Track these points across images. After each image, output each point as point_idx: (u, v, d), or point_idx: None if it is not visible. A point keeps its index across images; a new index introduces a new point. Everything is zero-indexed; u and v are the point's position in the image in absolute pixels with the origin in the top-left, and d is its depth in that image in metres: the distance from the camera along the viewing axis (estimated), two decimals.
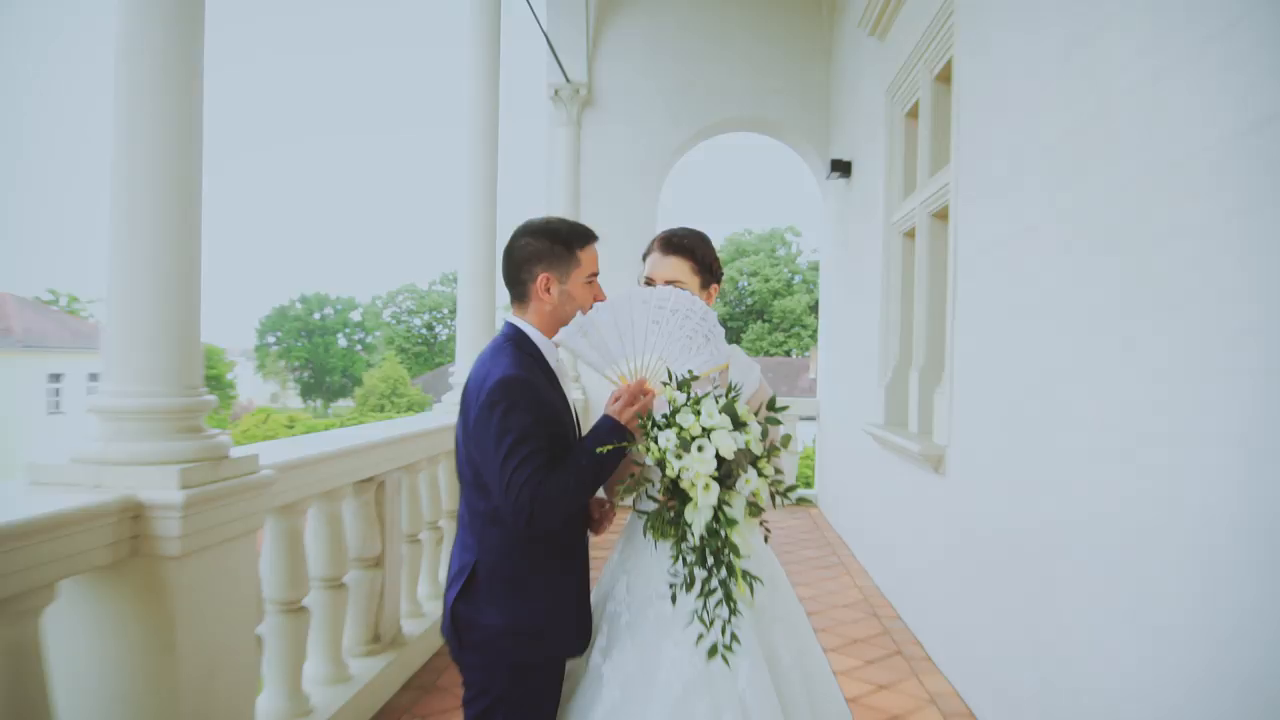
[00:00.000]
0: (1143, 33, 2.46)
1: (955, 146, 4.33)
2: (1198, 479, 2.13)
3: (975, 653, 3.91)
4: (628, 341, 2.01)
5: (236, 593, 2.63)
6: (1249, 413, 1.94)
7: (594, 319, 2.00)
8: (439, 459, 4.85)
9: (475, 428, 1.90)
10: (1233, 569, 1.98)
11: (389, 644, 4.09)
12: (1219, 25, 2.08)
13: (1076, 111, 2.90)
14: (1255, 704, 1.89)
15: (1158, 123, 2.38)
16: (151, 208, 2.38)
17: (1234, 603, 1.98)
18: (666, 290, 2.05)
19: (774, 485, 1.93)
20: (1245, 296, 1.97)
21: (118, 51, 2.37)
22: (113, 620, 2.29)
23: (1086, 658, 2.75)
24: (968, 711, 3.86)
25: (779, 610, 2.11)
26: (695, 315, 2.02)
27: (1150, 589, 2.35)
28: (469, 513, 2.00)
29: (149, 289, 2.39)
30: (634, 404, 1.93)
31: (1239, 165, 2.00)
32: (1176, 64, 2.27)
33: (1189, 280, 2.20)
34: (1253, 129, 1.95)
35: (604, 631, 2.07)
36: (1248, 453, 1.94)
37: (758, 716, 1.89)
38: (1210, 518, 2.07)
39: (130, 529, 2.27)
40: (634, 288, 2.11)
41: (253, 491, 2.62)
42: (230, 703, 2.59)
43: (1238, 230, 2.01)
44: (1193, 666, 2.13)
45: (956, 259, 4.27)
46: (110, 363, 2.40)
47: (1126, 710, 2.47)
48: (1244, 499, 1.95)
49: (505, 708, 1.95)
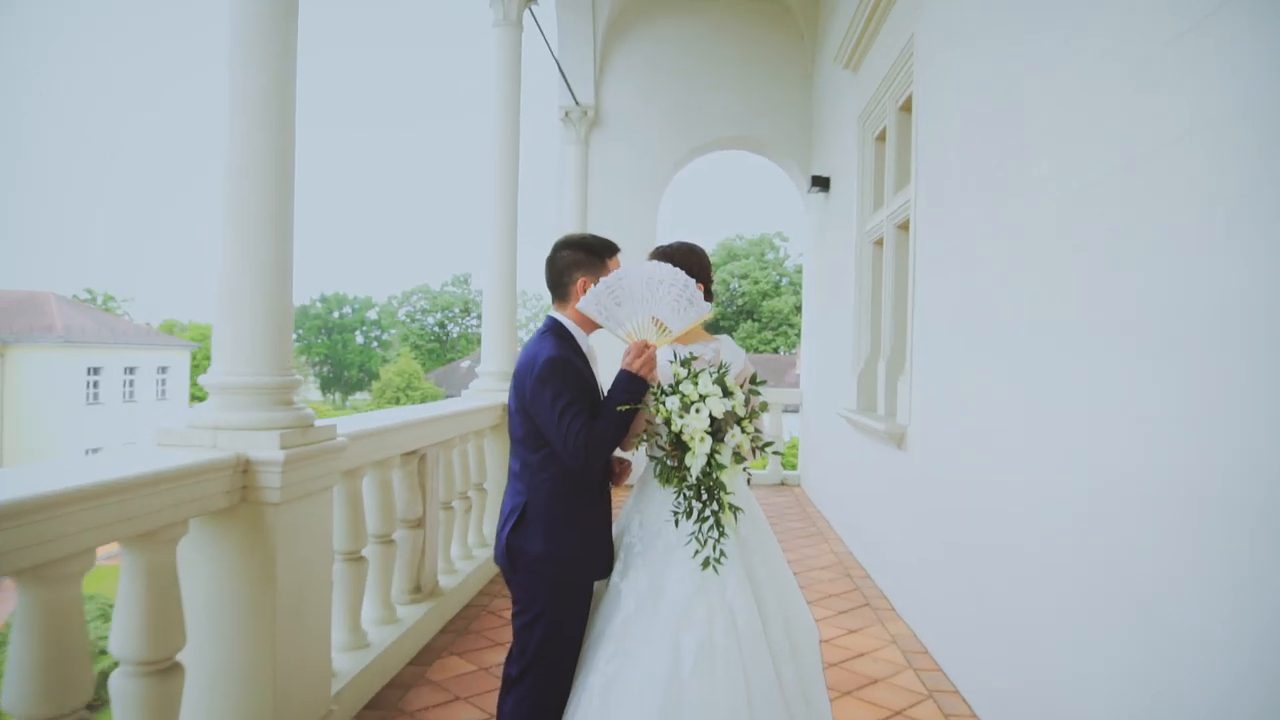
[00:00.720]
0: (1055, 79, 2.85)
1: (915, 168, 4.72)
2: (1101, 444, 2.54)
3: (927, 599, 4.32)
4: (629, 307, 2.39)
5: (318, 538, 3.02)
6: (1142, 391, 2.34)
7: (603, 290, 2.37)
8: (468, 438, 5.24)
9: (531, 396, 2.30)
10: (1118, 513, 2.39)
11: (428, 594, 4.48)
12: (1112, 76, 2.47)
13: (1005, 144, 3.29)
14: (1127, 611, 2.30)
15: (1063, 155, 2.77)
16: (257, 231, 2.78)
17: (1117, 538, 2.38)
18: (654, 264, 2.44)
19: (754, 439, 2.33)
20: (1130, 299, 2.37)
21: (231, 93, 2.77)
22: (226, 553, 2.68)
23: (1009, 593, 3.16)
24: (923, 649, 4.27)
25: (758, 543, 2.50)
26: (679, 284, 2.41)
27: (1057, 534, 2.75)
28: (520, 465, 2.40)
29: (253, 293, 2.78)
30: (640, 356, 2.33)
31: (1123, 194, 2.40)
32: (1077, 104, 2.67)
33: (1090, 288, 2.60)
34: (1129, 164, 2.34)
35: (621, 559, 2.46)
36: (1136, 420, 2.34)
37: (742, 619, 2.29)
38: (1109, 479, 2.47)
39: (241, 480, 2.66)
40: (631, 265, 2.48)
41: (331, 454, 3.02)
42: (313, 627, 2.99)
43: (1123, 248, 2.40)
44: (1076, 582, 2.54)
45: (915, 265, 4.66)
46: (221, 349, 2.79)
47: (1032, 621, 2.87)
48: (1136, 462, 2.35)
49: (547, 618, 2.35)
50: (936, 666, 4.03)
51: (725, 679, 2.23)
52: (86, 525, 2.02)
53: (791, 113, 9.33)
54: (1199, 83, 2.02)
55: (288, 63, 2.85)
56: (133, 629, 2.32)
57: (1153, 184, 2.22)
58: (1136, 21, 2.32)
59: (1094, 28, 2.57)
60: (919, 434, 4.56)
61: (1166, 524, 2.12)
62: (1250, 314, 1.82)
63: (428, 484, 4.49)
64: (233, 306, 2.78)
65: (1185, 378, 2.05)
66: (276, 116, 2.81)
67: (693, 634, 2.27)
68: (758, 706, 2.24)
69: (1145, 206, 2.26)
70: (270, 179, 2.79)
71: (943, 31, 4.25)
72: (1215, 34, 1.96)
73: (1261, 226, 1.79)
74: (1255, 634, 1.78)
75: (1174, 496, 2.09)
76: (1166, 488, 2.13)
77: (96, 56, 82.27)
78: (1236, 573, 1.84)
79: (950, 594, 3.93)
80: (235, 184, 2.77)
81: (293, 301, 2.91)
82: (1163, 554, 2.13)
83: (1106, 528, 2.43)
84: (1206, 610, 1.94)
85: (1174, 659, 2.06)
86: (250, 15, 2.78)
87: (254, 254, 2.78)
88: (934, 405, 4.31)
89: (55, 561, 1.95)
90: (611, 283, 2.37)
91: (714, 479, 2.25)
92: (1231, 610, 1.86)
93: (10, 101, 70.35)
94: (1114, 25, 2.45)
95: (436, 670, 3.89)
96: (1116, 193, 2.41)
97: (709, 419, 2.23)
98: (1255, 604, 1.78)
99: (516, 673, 2.42)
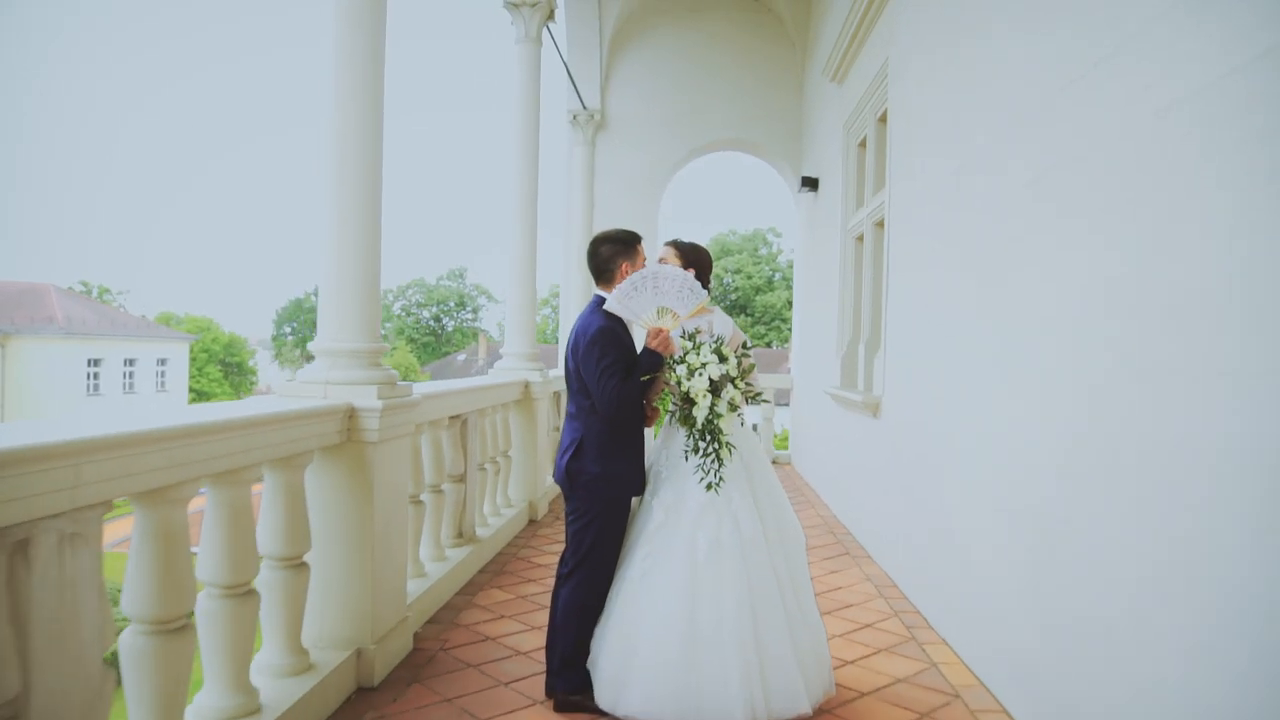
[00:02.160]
0: (990, 114, 3.60)
1: (889, 174, 5.47)
2: (1018, 409, 3.29)
3: (897, 545, 5.08)
4: (643, 303, 3.13)
5: (399, 474, 3.75)
6: (1047, 367, 3.09)
7: (624, 291, 3.10)
8: (498, 409, 5.97)
9: (583, 356, 3.05)
10: (1037, 465, 3.14)
11: (469, 540, 5.21)
12: (1030, 111, 3.22)
13: (957, 162, 4.04)
14: (1032, 530, 3.05)
15: (995, 171, 3.52)
16: (354, 227, 3.50)
17: (1029, 478, 3.13)
18: (659, 266, 3.18)
19: (746, 392, 3.09)
20: (1051, 295, 3.11)
21: (334, 97, 3.48)
22: (337, 480, 3.40)
23: (957, 529, 3.91)
24: (892, 584, 5.02)
25: (759, 469, 3.24)
26: (679, 278, 3.15)
27: (1002, 485, 3.51)
28: (577, 408, 3.15)
29: (351, 278, 3.50)
30: (655, 338, 3.09)
31: (1035, 207, 3.14)
32: (1005, 135, 3.41)
33: (1015, 282, 3.35)
34: (1035, 180, 3.09)
35: (652, 482, 3.21)
36: (1040, 387, 3.09)
37: (745, 524, 3.03)
38: (1031, 438, 3.23)
39: (347, 424, 3.38)
40: (642, 269, 3.21)
41: (409, 407, 3.74)
42: (395, 546, 3.71)
43: (1036, 244, 3.15)
44: (1007, 523, 3.29)
45: (889, 259, 5.41)
46: (327, 321, 3.51)
47: (977, 555, 3.63)
48: (1037, 421, 3.10)
49: (597, 524, 3.10)
50: (903, 595, 4.79)
51: (730, 566, 2.98)
52: (257, 444, 2.74)
53: (784, 117, 10.07)
54: (1070, 125, 2.76)
55: (376, 92, 3.57)
56: (275, 533, 3.04)
57: (1050, 197, 2.97)
58: (1042, 68, 3.06)
59: (1019, 68, 3.32)
60: (891, 403, 5.32)
61: (1051, 460, 2.88)
62: (1120, 305, 2.57)
63: (468, 445, 5.22)
64: (336, 288, 3.51)
65: (1071, 352, 2.80)
66: (372, 143, 3.53)
67: (705, 533, 3.03)
68: (756, 587, 2.99)
69: (1042, 218, 3.01)
70: (365, 194, 3.52)
71: (907, 61, 4.99)
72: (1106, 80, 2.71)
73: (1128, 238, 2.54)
74: (1116, 529, 2.53)
75: (1059, 441, 2.84)
76: (1055, 438, 2.88)
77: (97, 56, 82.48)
78: (1111, 493, 2.60)
79: (912, 537, 4.68)
80: (336, 196, 3.49)
81: (380, 282, 3.63)
82: (1050, 482, 2.88)
83: (1026, 474, 3.18)
84: (1091, 519, 2.69)
85: (1060, 562, 2.81)
86: (349, 48, 3.49)
87: (351, 247, 3.50)
88: (903, 378, 5.06)
89: (238, 470, 2.67)
90: (625, 289, 3.12)
91: (714, 425, 3.02)
92: (1097, 510, 2.61)
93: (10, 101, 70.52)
94: (1035, 59, 3.19)
95: (481, 599, 4.62)
96: (1028, 206, 3.16)
97: (709, 381, 2.99)
98: (1117, 508, 2.53)
99: (570, 568, 3.17)
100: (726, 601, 2.95)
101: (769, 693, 2.92)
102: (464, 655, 3.77)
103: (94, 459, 1.94)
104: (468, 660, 3.71)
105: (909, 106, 5.03)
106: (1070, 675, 2.71)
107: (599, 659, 3.09)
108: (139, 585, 2.29)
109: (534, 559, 5.52)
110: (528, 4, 6.62)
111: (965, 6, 3.95)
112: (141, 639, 2.31)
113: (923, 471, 4.55)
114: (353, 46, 3.52)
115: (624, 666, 3.01)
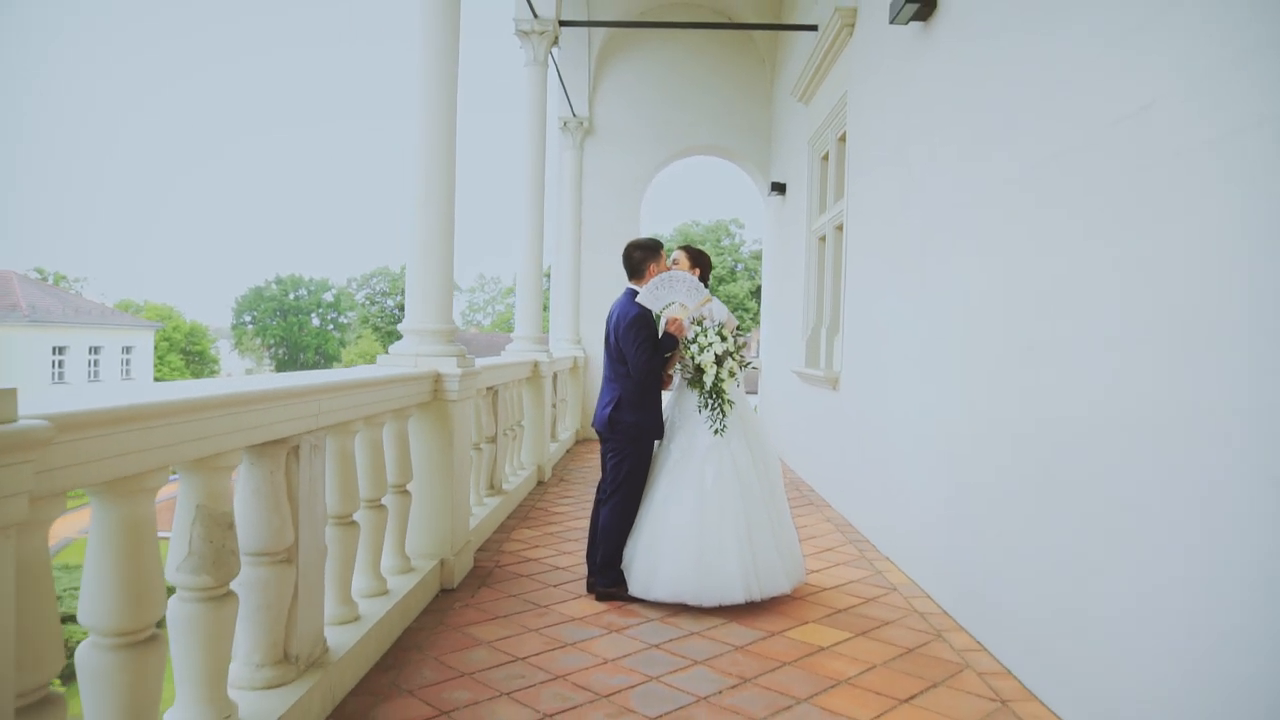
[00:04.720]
0: (925, 143, 4.73)
1: (846, 186, 6.61)
2: (938, 383, 4.44)
3: (852, 494, 6.25)
4: (663, 298, 4.23)
5: (468, 427, 4.79)
6: (956, 346, 4.24)
7: (649, 290, 4.20)
8: (515, 385, 7.01)
9: (623, 335, 4.14)
10: (956, 433, 4.29)
11: (498, 491, 6.25)
12: (965, 139, 4.36)
13: (896, 184, 5.18)
14: (948, 475, 4.21)
15: (929, 189, 4.65)
16: (436, 236, 4.52)
17: (952, 451, 4.28)
18: (674, 271, 4.28)
19: (740, 362, 4.20)
20: (959, 290, 4.25)
21: (423, 106, 4.48)
22: (427, 430, 4.43)
23: (905, 481, 5.07)
24: (849, 524, 6.20)
25: (751, 422, 4.36)
26: (688, 281, 4.26)
27: (931, 444, 4.66)
28: (614, 373, 4.24)
29: (432, 270, 4.52)
30: (672, 326, 4.18)
31: (956, 221, 4.28)
32: (938, 159, 4.55)
33: (935, 277, 4.49)
34: (972, 202, 4.23)
35: (668, 430, 4.32)
36: (956, 359, 4.23)
37: (740, 460, 4.15)
38: (949, 410, 4.38)
39: (433, 386, 4.41)
40: (661, 274, 4.31)
41: (474, 375, 4.78)
42: (464, 483, 4.75)
43: (959, 247, 4.29)
44: (928, 458, 4.44)
45: (846, 258, 6.56)
46: (414, 305, 4.53)
47: (914, 497, 4.79)
48: (958, 390, 4.26)
49: (630, 459, 4.21)
50: (856, 531, 5.97)
51: (730, 489, 4.10)
52: (388, 396, 3.76)
53: (755, 127, 11.21)
54: (1009, 150, 3.90)
55: (451, 128, 4.59)
56: (392, 467, 4.05)
57: (983, 208, 4.11)
58: (962, 122, 4.19)
59: (948, 116, 4.44)
60: (847, 378, 6.47)
61: (968, 428, 4.03)
62: (1029, 299, 3.71)
63: (500, 411, 6.26)
64: (422, 282, 4.52)
65: (978, 339, 3.95)
66: (448, 172, 4.55)
67: (711, 467, 4.14)
68: (748, 503, 4.11)
69: (965, 228, 4.15)
70: (443, 211, 4.54)
71: (861, 96, 6.13)
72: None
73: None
74: (1015, 484, 3.68)
75: (970, 410, 3.99)
76: (966, 407, 4.03)
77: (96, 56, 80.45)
78: (1016, 455, 3.75)
79: (866, 489, 5.85)
80: (423, 214, 4.50)
81: (453, 273, 4.65)
82: (965, 443, 4.03)
83: (947, 439, 4.34)
84: (998, 471, 3.84)
85: (970, 499, 3.97)
86: (433, 74, 4.49)
87: (435, 252, 4.52)
88: (856, 357, 6.21)
89: (377, 415, 3.68)
90: (650, 288, 4.21)
91: (718, 388, 4.13)
92: (1004, 463, 3.76)
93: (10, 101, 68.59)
94: (963, 113, 4.32)
95: (515, 535, 5.68)
96: (951, 221, 4.30)
97: (713, 356, 4.09)
98: (1019, 466, 3.68)
99: (608, 494, 4.26)
100: (727, 514, 4.06)
101: (760, 576, 4.05)
102: (515, 569, 4.83)
103: (330, 396, 2.97)
104: (519, 572, 4.77)
105: (865, 132, 6.17)
106: (972, 568, 3.87)
107: (633, 561, 4.19)
108: (248, 522, 3.32)
109: (551, 509, 6.58)
110: (536, 32, 7.63)
111: (905, 58, 5.08)
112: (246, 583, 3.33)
113: (873, 434, 5.70)
114: (439, 80, 4.53)
115: (653, 564, 4.11)
